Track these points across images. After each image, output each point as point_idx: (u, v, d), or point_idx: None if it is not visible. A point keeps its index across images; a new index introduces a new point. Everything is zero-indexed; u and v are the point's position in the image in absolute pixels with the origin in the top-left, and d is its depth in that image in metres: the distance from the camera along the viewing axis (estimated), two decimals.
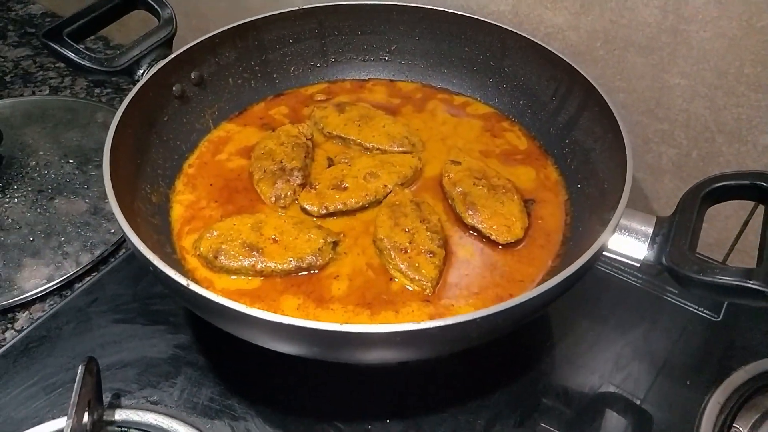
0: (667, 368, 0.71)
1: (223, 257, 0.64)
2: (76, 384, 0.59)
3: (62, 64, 1.27)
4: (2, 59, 1.30)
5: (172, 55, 0.75)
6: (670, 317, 0.75)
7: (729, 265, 0.80)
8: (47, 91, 1.21)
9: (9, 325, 0.80)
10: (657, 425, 0.67)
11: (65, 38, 0.74)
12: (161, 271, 0.52)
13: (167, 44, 0.78)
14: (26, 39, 1.36)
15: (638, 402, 0.68)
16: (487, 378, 0.70)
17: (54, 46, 0.73)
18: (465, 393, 0.68)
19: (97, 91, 1.20)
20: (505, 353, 0.72)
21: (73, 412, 0.57)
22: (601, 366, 0.71)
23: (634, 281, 0.79)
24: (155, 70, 0.73)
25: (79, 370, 0.60)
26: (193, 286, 0.51)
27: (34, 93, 1.21)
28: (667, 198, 0.84)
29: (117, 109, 1.10)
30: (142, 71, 0.76)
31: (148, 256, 0.53)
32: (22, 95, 1.20)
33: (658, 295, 0.77)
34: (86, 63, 0.74)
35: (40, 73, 1.26)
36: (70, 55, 0.73)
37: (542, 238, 0.68)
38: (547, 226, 0.70)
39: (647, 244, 0.58)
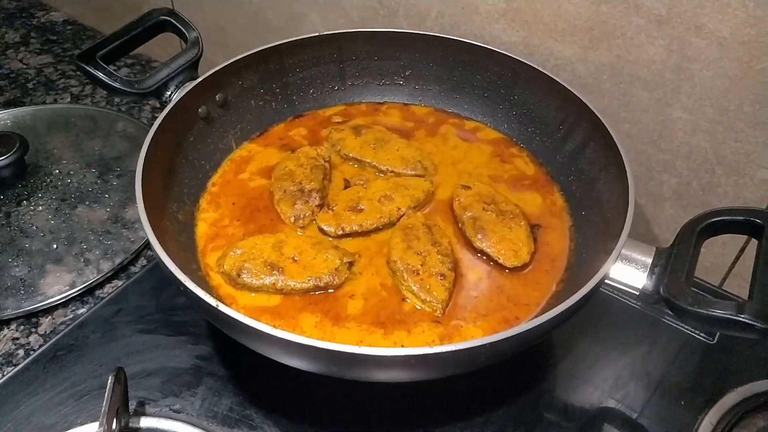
0: (663, 388, 0.74)
1: (245, 275, 0.68)
2: (106, 393, 0.63)
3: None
4: (25, 66, 1.34)
5: (200, 79, 0.79)
6: (667, 339, 0.79)
7: (723, 290, 0.84)
8: (68, 99, 1.25)
9: (33, 330, 0.83)
10: None
11: (98, 61, 0.78)
12: (192, 292, 0.56)
13: (193, 66, 0.82)
14: (48, 46, 1.40)
15: (636, 419, 0.72)
16: (493, 394, 0.73)
17: (88, 68, 0.77)
18: (471, 408, 0.72)
19: (116, 100, 1.24)
20: (510, 370, 0.75)
21: (104, 420, 0.61)
22: (601, 384, 0.74)
23: (633, 303, 0.82)
24: (183, 93, 0.77)
25: (110, 380, 0.64)
26: (222, 308, 0.54)
27: (56, 100, 1.24)
28: (667, 224, 0.88)
29: (136, 119, 1.15)
30: (169, 93, 0.79)
31: (180, 278, 0.57)
32: (44, 102, 1.23)
33: (656, 318, 0.81)
34: (117, 85, 0.77)
35: (62, 80, 1.29)
36: (103, 77, 0.77)
37: (547, 263, 0.72)
38: (552, 251, 0.73)
39: (646, 273, 0.62)
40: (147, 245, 0.93)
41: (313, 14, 1.03)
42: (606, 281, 0.62)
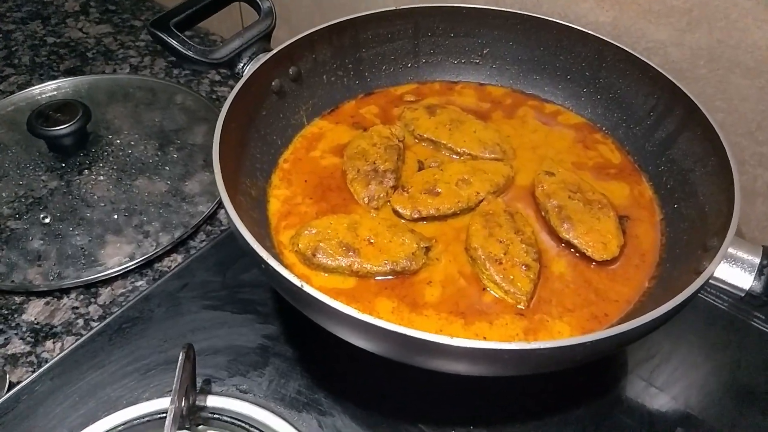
0: (753, 399, 0.70)
1: (321, 255, 0.65)
2: (177, 370, 0.61)
3: (142, 43, 1.31)
4: (85, 35, 1.33)
5: (275, 51, 0.76)
6: (757, 345, 0.74)
7: None
8: (127, 70, 1.24)
9: (92, 300, 0.83)
10: None
11: (172, 28, 0.75)
12: (274, 270, 0.54)
13: (266, 38, 0.79)
14: (107, 16, 1.39)
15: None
16: (569, 394, 0.70)
17: (161, 35, 0.74)
18: (547, 407, 0.69)
19: (175, 72, 1.23)
20: (588, 371, 0.71)
21: (176, 398, 0.59)
22: (683, 391, 0.70)
23: (719, 303, 0.77)
24: (258, 65, 0.74)
25: (180, 357, 0.62)
26: (307, 288, 0.52)
27: (115, 71, 1.23)
28: (758, 221, 0.82)
29: (194, 92, 1.13)
30: (242, 64, 0.77)
31: (263, 256, 0.54)
32: (103, 72, 1.23)
33: (744, 320, 0.76)
34: (190, 53, 0.75)
35: (121, 51, 1.28)
36: (176, 45, 0.74)
37: (637, 257, 0.68)
38: (642, 245, 0.69)
39: (754, 275, 0.57)
40: (206, 220, 0.92)
41: None
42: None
